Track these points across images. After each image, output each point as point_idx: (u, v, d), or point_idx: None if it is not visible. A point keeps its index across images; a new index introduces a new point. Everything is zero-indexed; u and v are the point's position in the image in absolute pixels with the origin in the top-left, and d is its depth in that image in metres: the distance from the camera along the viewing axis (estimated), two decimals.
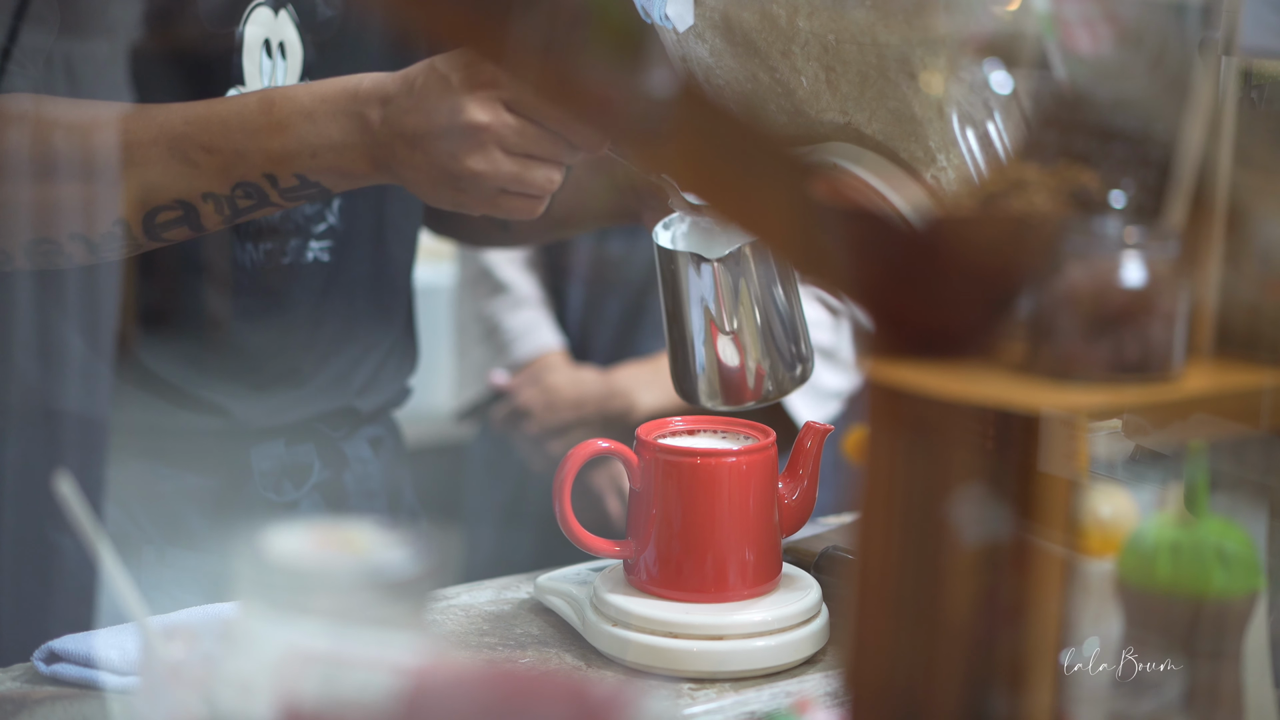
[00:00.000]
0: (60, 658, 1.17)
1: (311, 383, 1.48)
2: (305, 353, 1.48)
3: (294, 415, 1.47)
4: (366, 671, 0.75)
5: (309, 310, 1.47)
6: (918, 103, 1.20)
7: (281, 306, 1.45)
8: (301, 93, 1.23)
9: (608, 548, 1.28)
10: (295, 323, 1.46)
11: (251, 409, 1.44)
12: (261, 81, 1.37)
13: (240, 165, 1.22)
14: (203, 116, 1.23)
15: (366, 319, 1.53)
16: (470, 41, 0.88)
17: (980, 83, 1.19)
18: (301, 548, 0.80)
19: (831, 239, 0.87)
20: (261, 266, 1.42)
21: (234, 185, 1.22)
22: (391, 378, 1.58)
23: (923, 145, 1.21)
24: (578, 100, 0.90)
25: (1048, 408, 0.80)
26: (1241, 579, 0.95)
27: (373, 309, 1.53)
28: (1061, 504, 0.80)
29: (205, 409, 1.42)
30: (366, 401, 1.54)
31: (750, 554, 1.25)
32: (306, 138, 1.22)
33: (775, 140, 0.91)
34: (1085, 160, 0.94)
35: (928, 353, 0.86)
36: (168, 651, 0.91)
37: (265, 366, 1.46)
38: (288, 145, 1.21)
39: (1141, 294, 0.85)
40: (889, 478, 0.84)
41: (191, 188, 1.22)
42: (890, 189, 0.99)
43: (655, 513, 1.25)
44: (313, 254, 1.45)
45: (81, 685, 1.16)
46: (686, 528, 1.24)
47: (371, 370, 1.54)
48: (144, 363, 1.41)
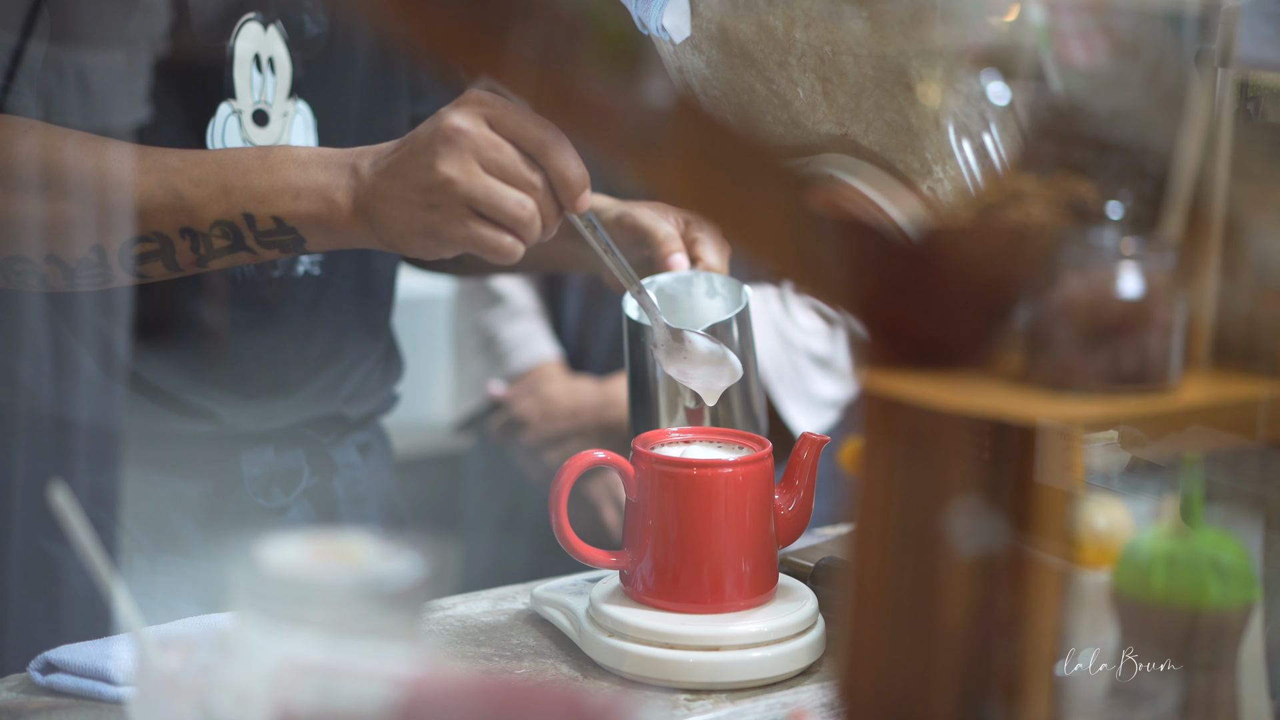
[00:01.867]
0: (56, 668, 1.17)
1: (301, 391, 1.49)
2: (295, 363, 1.49)
3: (283, 421, 1.48)
4: (362, 682, 0.75)
5: (300, 322, 1.47)
6: (914, 114, 1.21)
7: (272, 319, 1.45)
8: (300, 149, 1.25)
9: (604, 558, 1.28)
10: (286, 334, 1.47)
11: (241, 416, 1.45)
12: (251, 96, 1.38)
13: (223, 201, 1.22)
14: (199, 155, 1.24)
15: (355, 329, 1.54)
16: (467, 52, 0.88)
17: (977, 94, 1.19)
18: (297, 558, 0.80)
19: (828, 250, 0.87)
20: (253, 279, 1.42)
21: (213, 223, 1.23)
22: (378, 385, 1.58)
23: (919, 156, 1.21)
24: (574, 111, 0.91)
25: (1044, 419, 0.80)
26: (1237, 590, 0.95)
27: (360, 320, 1.54)
28: (1057, 515, 0.80)
29: (196, 415, 1.43)
30: (355, 409, 1.54)
31: (747, 565, 1.25)
32: (293, 179, 1.22)
33: (771, 151, 0.91)
34: (1082, 171, 0.94)
35: (924, 364, 0.86)
36: (164, 662, 0.91)
37: (256, 376, 1.46)
38: (274, 184, 1.22)
39: (1138, 305, 0.85)
40: (885, 488, 0.84)
41: (173, 220, 1.23)
42: (887, 200, 0.99)
43: (652, 523, 1.25)
44: (303, 267, 1.45)
45: (78, 696, 1.16)
46: (683, 538, 1.24)
47: (360, 379, 1.55)
48: (137, 370, 1.41)
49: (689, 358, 1.32)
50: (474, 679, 0.81)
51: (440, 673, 0.77)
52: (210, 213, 1.23)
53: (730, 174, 0.87)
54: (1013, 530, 0.80)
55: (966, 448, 0.81)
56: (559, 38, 0.85)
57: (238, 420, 1.45)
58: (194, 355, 1.43)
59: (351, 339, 1.53)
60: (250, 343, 1.45)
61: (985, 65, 1.14)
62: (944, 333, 0.87)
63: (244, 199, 1.22)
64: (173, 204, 1.22)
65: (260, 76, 1.39)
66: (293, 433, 1.49)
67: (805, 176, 0.94)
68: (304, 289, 1.46)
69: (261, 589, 0.78)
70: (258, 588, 0.79)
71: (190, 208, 1.22)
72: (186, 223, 1.23)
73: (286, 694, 0.75)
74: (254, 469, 1.47)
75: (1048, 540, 0.80)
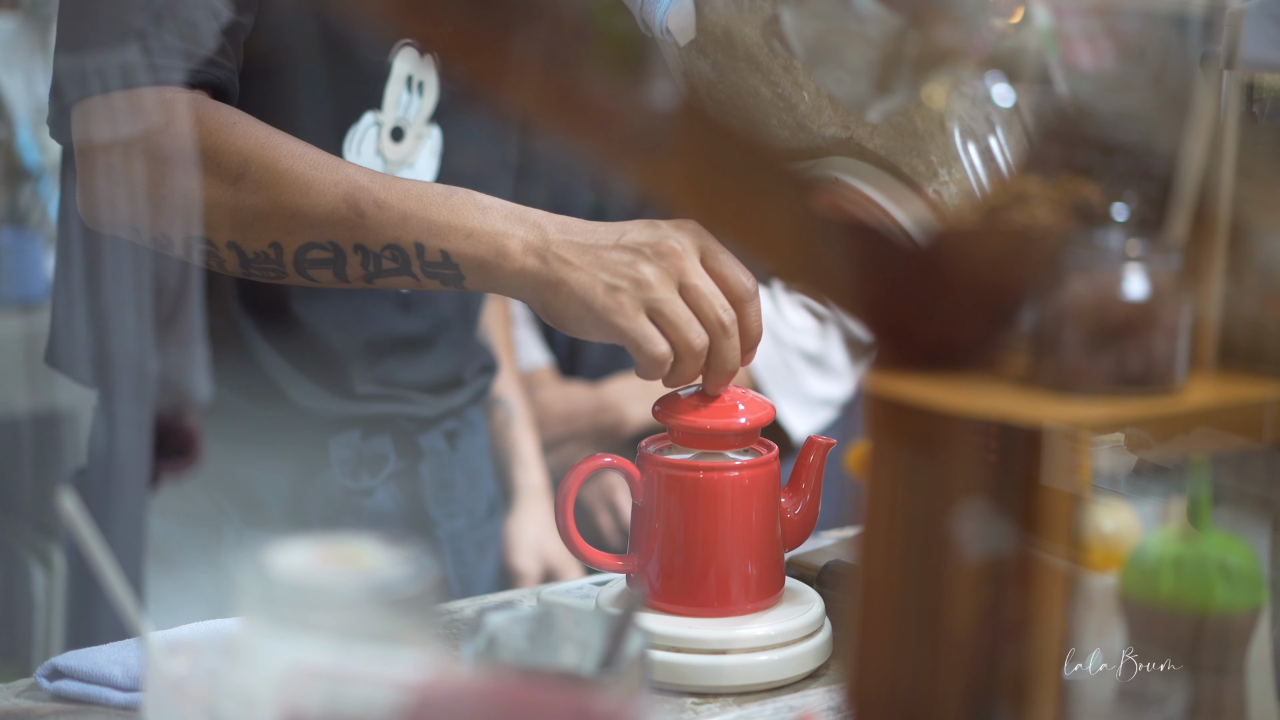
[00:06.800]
0: (63, 674, 1.17)
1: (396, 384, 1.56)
2: (390, 355, 1.55)
3: (373, 410, 1.54)
4: (370, 686, 0.75)
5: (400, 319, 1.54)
6: (920, 117, 1.21)
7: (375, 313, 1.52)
8: (485, 196, 1.28)
9: (611, 562, 1.28)
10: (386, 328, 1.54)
11: (333, 403, 1.51)
12: (396, 112, 1.46)
13: (400, 227, 1.26)
14: (388, 179, 1.28)
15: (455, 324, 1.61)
16: (473, 55, 0.88)
17: (982, 97, 1.19)
18: (305, 563, 0.80)
19: (833, 253, 0.87)
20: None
21: (385, 245, 1.26)
22: (473, 376, 1.65)
23: (925, 159, 1.21)
24: (578, 114, 0.91)
25: (1050, 421, 0.80)
26: (1245, 593, 0.95)
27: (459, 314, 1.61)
28: (1064, 518, 0.80)
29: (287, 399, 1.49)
30: (447, 399, 1.61)
31: (753, 568, 1.25)
32: (469, 220, 1.25)
33: (777, 155, 0.91)
34: (1087, 174, 0.94)
35: (930, 366, 0.86)
36: (172, 667, 0.91)
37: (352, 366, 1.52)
38: (451, 221, 1.25)
39: (1144, 307, 0.85)
40: (891, 492, 0.84)
41: (350, 235, 1.26)
42: (892, 203, 0.99)
43: (658, 527, 1.25)
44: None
45: (84, 701, 1.16)
46: (689, 542, 1.24)
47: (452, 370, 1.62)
48: (247, 351, 1.47)
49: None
50: (481, 682, 0.81)
51: (448, 676, 0.77)
52: (385, 235, 1.26)
53: (735, 177, 0.87)
54: (1019, 533, 0.80)
55: (973, 450, 0.81)
56: (563, 40, 0.85)
57: (329, 406, 1.51)
58: (294, 343, 1.49)
59: (449, 334, 1.59)
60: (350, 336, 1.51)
61: (990, 68, 1.14)
62: (950, 335, 0.87)
63: (419, 229, 1.25)
64: (353, 220, 1.26)
65: (408, 96, 1.47)
66: (381, 419, 1.55)
67: (810, 180, 0.94)
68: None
69: (270, 593, 0.78)
70: (266, 592, 0.79)
71: (368, 226, 1.26)
72: (361, 240, 1.26)
73: (294, 698, 0.75)
74: (342, 452, 1.53)
75: (1054, 543, 0.80)
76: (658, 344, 1.22)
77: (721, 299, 1.23)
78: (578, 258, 1.23)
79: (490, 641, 0.91)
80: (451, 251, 1.25)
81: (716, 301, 1.22)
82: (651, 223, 1.25)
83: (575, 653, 0.93)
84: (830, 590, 1.33)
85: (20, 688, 1.19)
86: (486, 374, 1.69)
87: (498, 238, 1.25)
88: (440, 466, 1.61)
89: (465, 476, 1.65)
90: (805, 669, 1.24)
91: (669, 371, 1.23)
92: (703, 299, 1.22)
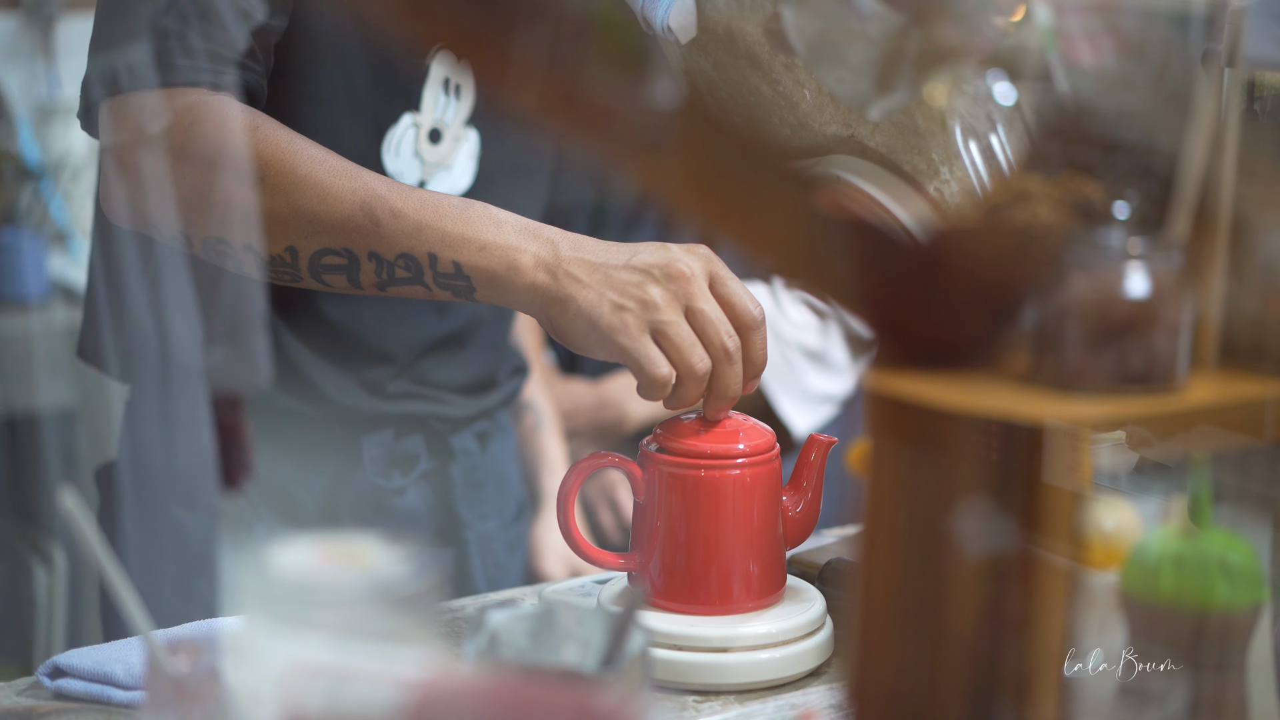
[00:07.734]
0: (65, 673, 1.17)
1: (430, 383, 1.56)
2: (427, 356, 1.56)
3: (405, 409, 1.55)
4: (372, 685, 0.75)
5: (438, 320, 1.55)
6: (921, 115, 1.21)
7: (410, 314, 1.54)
8: (501, 211, 1.28)
9: (612, 560, 1.28)
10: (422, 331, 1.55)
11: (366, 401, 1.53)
12: (434, 113, 1.46)
13: (414, 237, 1.26)
14: (404, 189, 1.29)
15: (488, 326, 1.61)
16: (474, 54, 0.88)
17: (983, 95, 1.19)
18: (306, 562, 0.80)
19: (835, 251, 0.87)
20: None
21: (399, 254, 1.27)
22: (505, 379, 1.66)
23: (926, 157, 1.21)
24: (580, 112, 0.91)
25: (1052, 419, 0.80)
26: (1246, 591, 0.95)
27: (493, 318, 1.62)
28: (1065, 516, 0.80)
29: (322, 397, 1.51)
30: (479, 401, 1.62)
31: (755, 566, 1.25)
32: (483, 233, 1.26)
33: (778, 153, 0.91)
34: (1088, 172, 0.94)
35: (931, 364, 0.86)
36: (173, 666, 0.91)
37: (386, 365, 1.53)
38: (465, 233, 1.26)
39: (1145, 305, 0.85)
40: (893, 490, 0.84)
41: (364, 243, 1.27)
42: (893, 201, 0.99)
43: (660, 525, 1.25)
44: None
45: (86, 700, 1.16)
46: (691, 540, 1.24)
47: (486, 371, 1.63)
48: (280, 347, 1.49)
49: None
50: (483, 681, 0.81)
51: (450, 675, 0.77)
52: (400, 244, 1.27)
53: (737, 176, 0.87)
54: (1021, 531, 0.80)
55: (974, 448, 0.81)
56: (564, 38, 0.85)
57: (362, 404, 1.52)
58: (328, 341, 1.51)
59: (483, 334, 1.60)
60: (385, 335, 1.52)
61: (992, 66, 1.14)
62: (951, 333, 0.87)
63: (433, 239, 1.26)
64: (368, 227, 1.27)
65: (446, 99, 1.48)
66: (413, 419, 1.56)
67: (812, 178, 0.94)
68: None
69: (271, 592, 0.78)
70: (267, 591, 0.79)
71: (383, 235, 1.27)
72: (376, 248, 1.27)
73: (296, 697, 0.75)
74: (374, 450, 1.54)
75: (1056, 541, 0.80)
76: (660, 366, 1.22)
77: (727, 325, 1.23)
78: (588, 275, 1.24)
79: (492, 640, 0.91)
80: (464, 263, 1.26)
81: (722, 327, 1.23)
82: (663, 245, 1.25)
83: (577, 651, 0.93)
84: (831, 588, 1.33)
85: (22, 686, 1.19)
86: (518, 376, 1.70)
87: (510, 252, 1.25)
88: (471, 467, 1.62)
89: (495, 478, 1.66)
90: (806, 667, 1.24)
91: (670, 394, 1.23)
92: (708, 323, 1.23)
